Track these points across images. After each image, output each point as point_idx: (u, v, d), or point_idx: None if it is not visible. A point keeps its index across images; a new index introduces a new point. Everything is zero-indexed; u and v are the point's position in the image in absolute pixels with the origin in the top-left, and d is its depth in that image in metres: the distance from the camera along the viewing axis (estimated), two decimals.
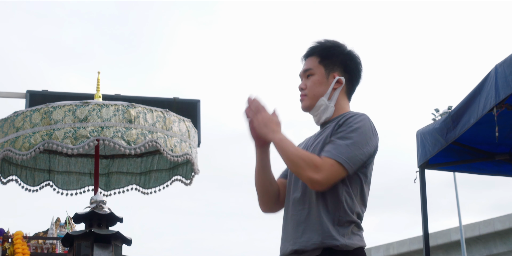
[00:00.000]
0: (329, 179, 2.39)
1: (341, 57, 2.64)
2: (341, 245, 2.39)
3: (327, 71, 2.62)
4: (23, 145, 4.71)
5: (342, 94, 2.64)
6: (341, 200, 2.44)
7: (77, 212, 4.81)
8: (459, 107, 5.05)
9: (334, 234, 2.40)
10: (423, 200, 5.90)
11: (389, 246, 29.27)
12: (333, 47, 2.65)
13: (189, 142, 5.10)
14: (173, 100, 8.17)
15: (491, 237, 25.19)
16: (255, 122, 2.54)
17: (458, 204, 23.96)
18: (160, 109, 4.95)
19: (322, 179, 2.38)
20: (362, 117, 2.51)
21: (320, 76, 2.62)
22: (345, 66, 2.63)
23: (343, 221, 2.43)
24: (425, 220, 5.86)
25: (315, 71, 2.63)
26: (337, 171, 2.40)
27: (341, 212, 2.43)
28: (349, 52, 2.66)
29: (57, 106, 4.73)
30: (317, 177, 2.38)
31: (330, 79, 2.61)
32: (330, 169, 2.39)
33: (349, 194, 2.46)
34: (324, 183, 2.39)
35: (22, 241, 6.09)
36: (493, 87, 4.44)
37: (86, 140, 4.62)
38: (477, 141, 5.84)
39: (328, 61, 2.63)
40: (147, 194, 5.84)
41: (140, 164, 5.90)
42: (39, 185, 5.79)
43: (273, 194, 2.65)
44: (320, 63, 2.63)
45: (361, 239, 2.47)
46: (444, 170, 6.45)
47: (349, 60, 2.65)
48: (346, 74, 2.64)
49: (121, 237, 4.74)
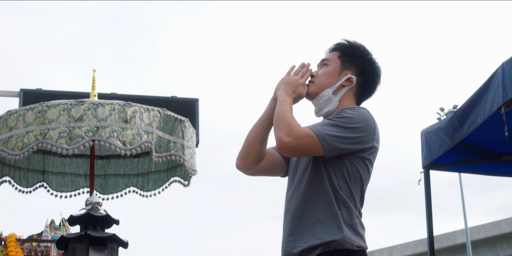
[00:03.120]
0: (296, 146, 2.41)
1: (361, 59, 2.69)
2: (341, 240, 2.39)
3: (341, 67, 2.67)
4: (16, 145, 4.70)
5: (350, 95, 2.66)
6: (342, 196, 2.46)
7: (72, 214, 4.80)
8: (466, 106, 5.03)
9: (334, 229, 2.41)
10: (428, 201, 5.89)
11: (393, 249, 29.28)
12: (357, 48, 2.71)
13: (181, 142, 5.06)
14: (171, 99, 8.16)
15: (497, 240, 25.20)
16: (284, 76, 2.65)
17: (463, 206, 23.96)
18: (157, 108, 4.94)
19: (289, 143, 2.41)
20: (360, 109, 2.53)
21: (333, 68, 2.67)
22: (361, 70, 2.67)
23: (344, 215, 2.44)
24: (429, 222, 5.85)
25: (331, 63, 2.69)
26: (310, 142, 2.42)
27: (341, 206, 2.45)
28: (370, 59, 2.70)
29: (51, 105, 4.72)
30: (286, 139, 2.41)
31: (342, 75, 2.65)
32: (303, 138, 2.42)
33: (349, 189, 2.48)
34: (290, 148, 2.42)
35: (15, 244, 6.08)
36: (500, 85, 4.43)
37: (81, 140, 4.61)
38: (483, 141, 5.83)
39: (346, 58, 2.68)
40: (146, 197, 5.82)
41: (137, 165, 5.89)
42: (32, 186, 5.78)
43: (258, 154, 2.68)
44: (339, 58, 2.69)
45: (363, 239, 2.47)
46: (450, 171, 6.44)
47: (368, 66, 2.69)
48: (361, 78, 2.67)
49: (117, 240, 4.73)
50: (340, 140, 2.44)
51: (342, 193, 2.46)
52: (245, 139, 2.70)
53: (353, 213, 2.46)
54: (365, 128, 2.48)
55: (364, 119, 2.50)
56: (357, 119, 2.48)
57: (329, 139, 2.42)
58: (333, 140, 2.43)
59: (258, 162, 2.69)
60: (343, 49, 2.70)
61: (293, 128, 2.42)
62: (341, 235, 2.40)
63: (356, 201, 2.49)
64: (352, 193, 2.48)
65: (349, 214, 2.45)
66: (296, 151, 2.44)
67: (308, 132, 2.43)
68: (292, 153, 2.46)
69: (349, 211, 2.45)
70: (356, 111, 2.51)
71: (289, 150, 2.43)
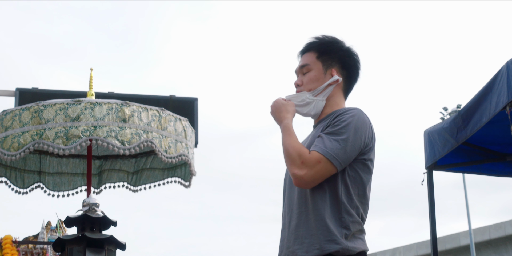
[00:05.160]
0: (313, 176, 2.38)
1: (339, 53, 2.64)
2: (343, 250, 2.37)
3: (324, 67, 2.63)
4: (12, 145, 4.70)
5: (339, 91, 2.64)
6: (342, 201, 2.43)
7: (69, 215, 4.80)
8: (470, 106, 5.03)
9: (335, 237, 2.38)
10: (431, 202, 5.88)
11: (395, 251, 29.29)
12: (332, 43, 2.66)
13: (186, 142, 5.09)
14: (169, 98, 8.17)
15: (502, 242, 25.18)
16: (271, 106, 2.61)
17: (467, 207, 23.98)
18: (155, 108, 4.94)
19: (305, 176, 2.37)
20: (354, 112, 2.50)
21: (317, 72, 2.62)
22: (343, 63, 2.64)
23: (345, 222, 2.41)
24: (433, 224, 5.84)
25: (312, 67, 2.64)
26: (325, 168, 2.39)
27: (342, 214, 2.42)
28: (348, 49, 2.67)
29: (48, 105, 4.72)
30: (301, 173, 2.37)
31: (328, 76, 2.62)
32: (316, 165, 2.38)
33: (349, 194, 2.44)
34: (307, 180, 2.38)
35: (11, 246, 6.08)
36: (505, 84, 4.42)
37: (78, 140, 4.61)
38: (488, 141, 5.83)
39: (326, 56, 2.64)
40: (135, 191, 5.85)
41: (134, 164, 5.89)
42: (29, 187, 5.78)
43: None
44: (317, 59, 2.64)
45: (363, 243, 2.45)
46: (453, 172, 6.43)
47: (348, 56, 2.65)
48: (344, 70, 2.64)
49: (115, 242, 4.73)
50: (347, 154, 2.41)
51: (343, 199, 2.43)
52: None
53: (355, 220, 2.43)
54: (363, 132, 2.46)
55: (361, 123, 2.47)
56: (354, 124, 2.45)
57: (338, 157, 2.40)
58: (341, 156, 2.40)
59: None
60: (318, 48, 2.65)
61: (303, 161, 2.38)
62: (343, 244, 2.37)
63: (359, 207, 2.46)
64: (354, 199, 2.45)
65: (352, 222, 2.42)
66: (315, 181, 2.40)
67: (318, 157, 2.38)
68: (311, 184, 2.41)
69: (351, 219, 2.42)
70: (351, 115, 2.48)
71: (307, 182, 2.40)
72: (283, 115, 2.55)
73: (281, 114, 2.56)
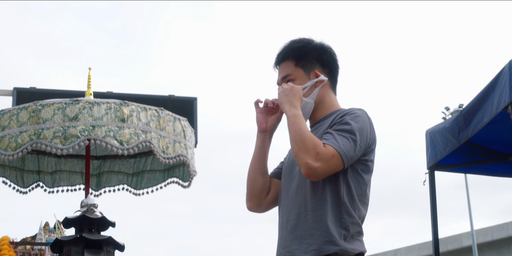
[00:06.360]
0: (325, 170, 2.37)
1: (315, 53, 2.65)
2: (341, 251, 2.37)
3: (306, 72, 2.63)
4: (9, 145, 4.70)
5: (327, 90, 2.64)
6: (343, 201, 2.43)
7: (67, 216, 4.79)
8: (471, 105, 5.03)
9: (334, 239, 2.38)
10: (433, 203, 5.88)
11: (397, 252, 29.31)
12: (305, 46, 2.65)
13: (184, 142, 5.09)
14: (168, 98, 8.17)
15: (504, 243, 25.19)
16: (280, 89, 2.56)
17: (469, 208, 24.00)
18: (154, 108, 4.94)
19: (319, 168, 2.36)
20: (360, 113, 2.51)
21: (301, 79, 2.62)
22: (322, 61, 2.65)
23: (345, 223, 2.42)
24: (434, 225, 5.85)
25: (295, 75, 2.64)
26: (336, 163, 2.39)
27: (343, 214, 2.42)
28: (321, 46, 2.67)
29: (45, 104, 4.72)
30: (316, 165, 2.35)
31: (313, 78, 2.62)
32: (331, 160, 2.37)
33: (351, 195, 2.45)
34: (320, 173, 2.37)
35: (8, 247, 6.08)
36: (507, 84, 4.43)
37: (76, 140, 4.61)
38: (490, 141, 5.83)
39: (304, 61, 2.63)
40: (138, 195, 5.84)
41: (133, 164, 5.89)
42: (29, 186, 5.80)
43: (263, 187, 2.66)
44: (297, 66, 2.64)
45: (361, 244, 2.46)
46: (455, 172, 6.43)
47: (324, 53, 2.66)
48: (326, 68, 2.65)
49: (114, 243, 4.72)
50: (355, 152, 2.42)
51: (345, 200, 2.44)
52: (247, 180, 2.67)
53: (355, 221, 2.44)
54: (367, 133, 2.48)
55: (366, 124, 2.49)
56: (361, 125, 2.46)
57: (348, 154, 2.40)
58: (350, 154, 2.41)
59: (266, 195, 2.67)
60: (294, 55, 2.64)
61: (319, 151, 2.36)
62: (341, 246, 2.38)
63: (360, 209, 2.47)
64: (355, 199, 2.45)
65: (351, 223, 2.42)
66: (325, 175, 2.40)
67: (333, 152, 2.38)
68: (321, 177, 2.40)
69: (351, 220, 2.43)
70: (357, 115, 2.49)
71: (319, 175, 2.39)
72: (296, 100, 2.52)
73: (295, 97, 2.52)
